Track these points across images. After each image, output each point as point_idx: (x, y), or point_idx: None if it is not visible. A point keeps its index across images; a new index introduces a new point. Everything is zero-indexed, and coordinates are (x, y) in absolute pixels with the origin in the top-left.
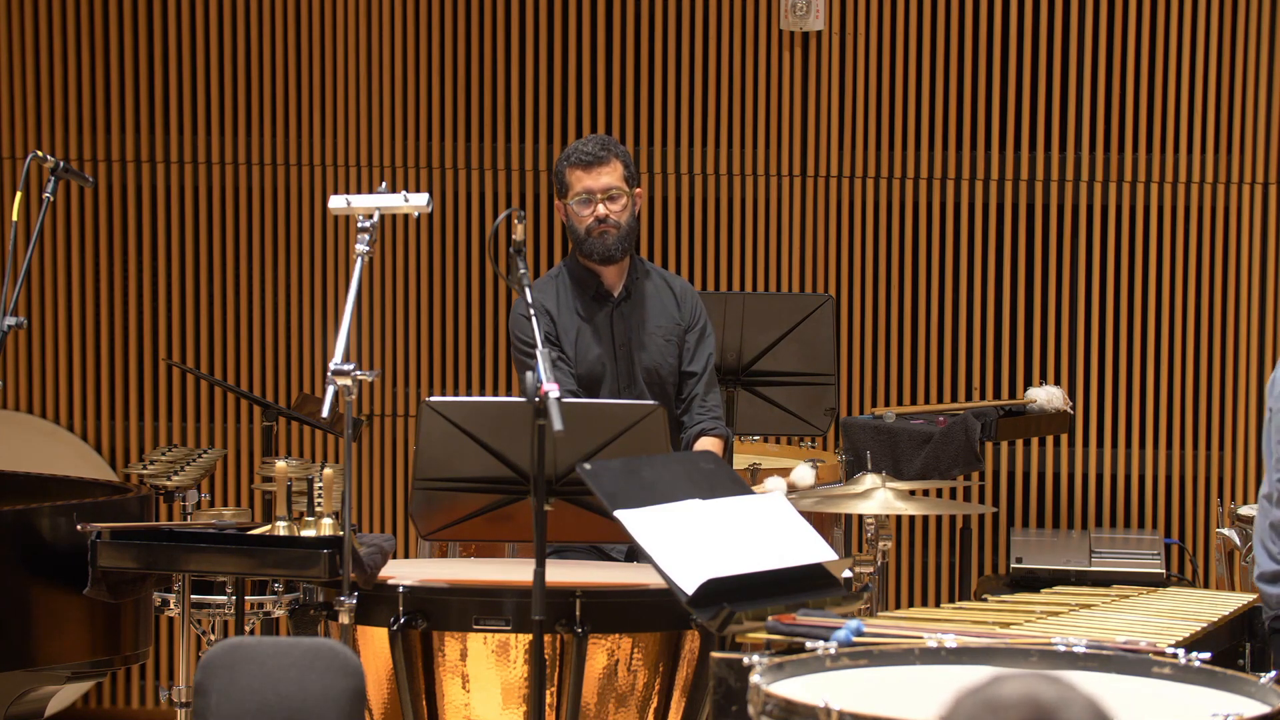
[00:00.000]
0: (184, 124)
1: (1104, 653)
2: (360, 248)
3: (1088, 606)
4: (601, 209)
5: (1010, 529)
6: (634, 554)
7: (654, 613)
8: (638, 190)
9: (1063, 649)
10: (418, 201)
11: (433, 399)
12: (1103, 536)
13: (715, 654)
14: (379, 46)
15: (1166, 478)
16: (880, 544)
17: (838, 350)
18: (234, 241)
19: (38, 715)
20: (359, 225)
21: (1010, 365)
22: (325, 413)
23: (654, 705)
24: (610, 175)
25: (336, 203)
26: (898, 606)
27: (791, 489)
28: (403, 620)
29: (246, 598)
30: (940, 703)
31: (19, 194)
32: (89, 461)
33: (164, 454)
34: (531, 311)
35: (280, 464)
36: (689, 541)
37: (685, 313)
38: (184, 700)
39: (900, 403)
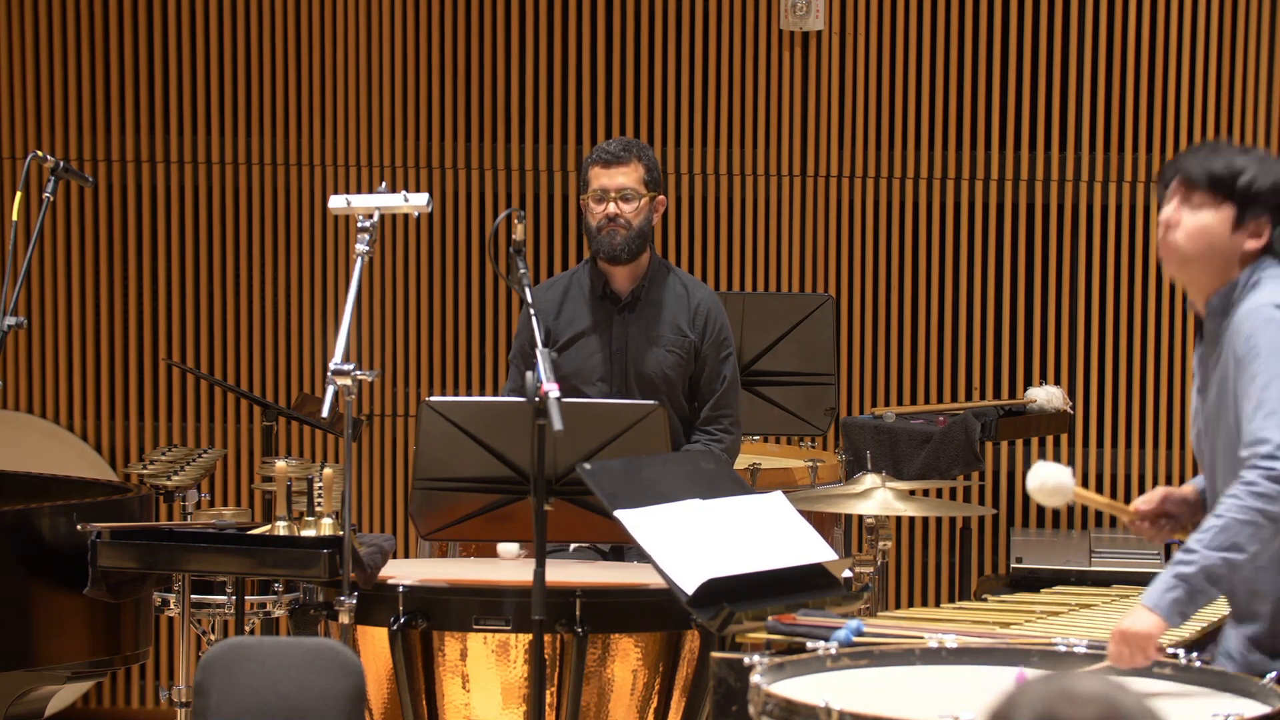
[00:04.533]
0: (184, 124)
1: (1104, 653)
2: (360, 248)
3: (1088, 606)
4: (612, 208)
5: (1010, 529)
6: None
7: (654, 613)
8: (660, 197)
9: (1063, 649)
10: (418, 201)
11: (433, 399)
12: (1103, 536)
13: (715, 654)
14: (379, 46)
15: (1166, 478)
16: (880, 544)
17: (838, 350)
18: (234, 241)
19: (38, 715)
20: (359, 225)
21: (1010, 365)
22: (325, 413)
23: (654, 705)
24: (626, 176)
25: (336, 203)
26: (898, 606)
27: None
28: (403, 620)
29: (246, 598)
30: (943, 702)
31: (19, 194)
32: (89, 461)
33: (164, 454)
34: (533, 311)
35: (280, 464)
36: (689, 541)
37: (698, 328)
38: (184, 700)
39: (900, 403)
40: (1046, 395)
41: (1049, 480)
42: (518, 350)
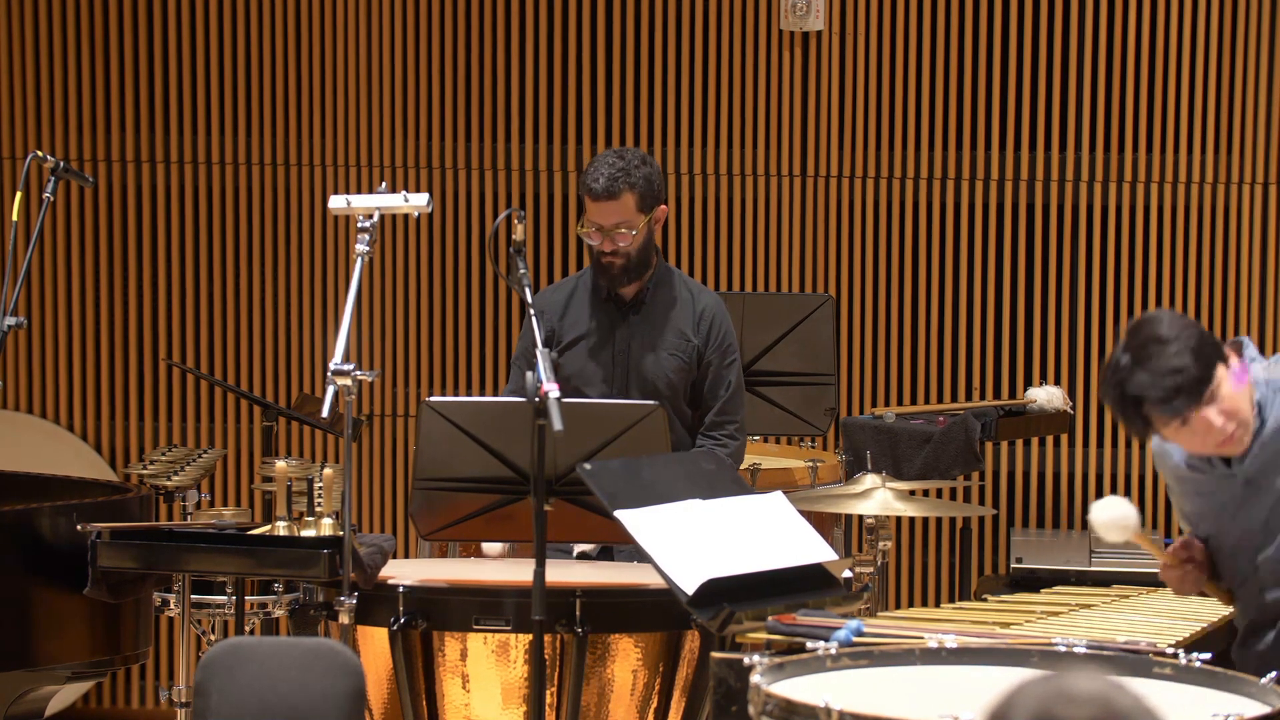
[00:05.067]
0: (184, 124)
1: (1104, 653)
2: (360, 248)
3: (1088, 606)
4: (608, 244)
5: (1010, 529)
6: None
7: (654, 613)
8: (658, 210)
9: (1063, 649)
10: (418, 201)
11: (433, 399)
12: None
13: (715, 654)
14: (379, 46)
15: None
16: (880, 544)
17: (838, 350)
18: (234, 241)
19: (38, 715)
20: (359, 225)
21: (1010, 365)
22: (325, 413)
23: (654, 705)
24: (619, 212)
25: (336, 203)
26: (898, 606)
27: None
28: (403, 620)
29: (246, 598)
30: (943, 702)
31: (19, 194)
32: (89, 461)
33: (164, 454)
34: (533, 311)
35: (280, 464)
36: (689, 541)
37: (702, 333)
38: (184, 700)
39: (900, 403)
40: (1046, 395)
41: (1115, 515)
42: (520, 352)
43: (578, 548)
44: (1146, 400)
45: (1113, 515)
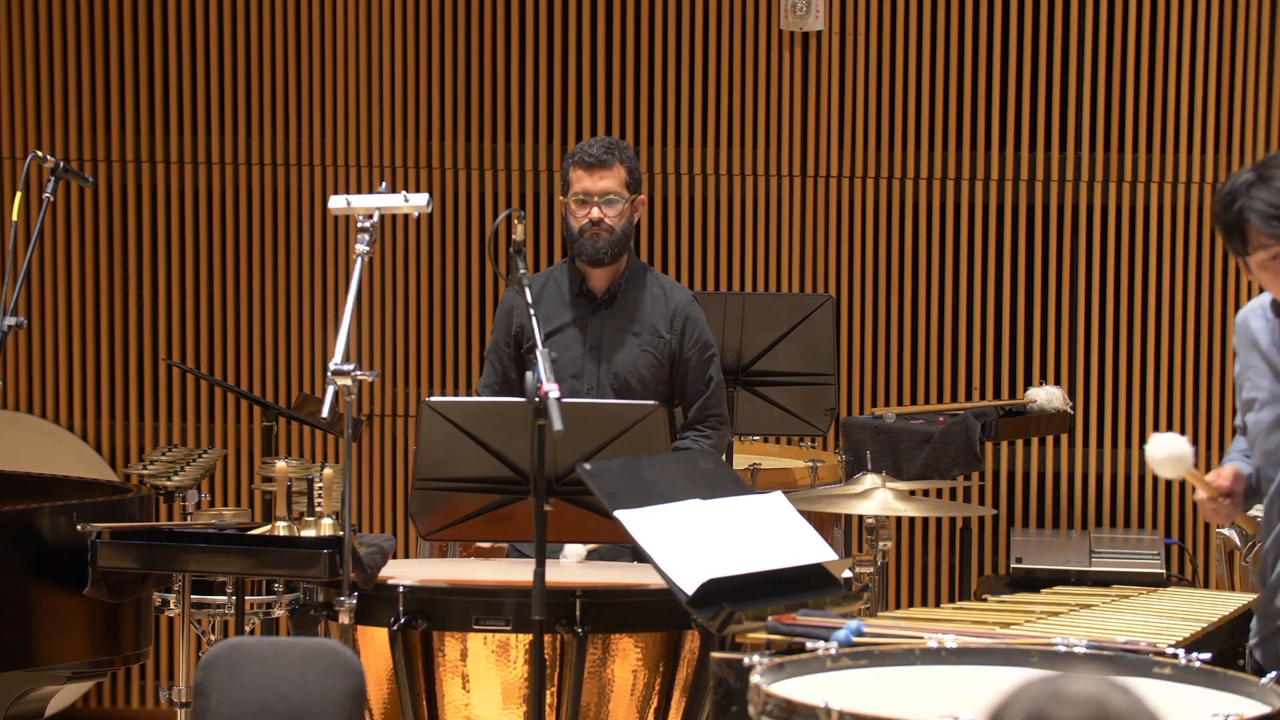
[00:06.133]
0: (184, 124)
1: (1104, 653)
2: (360, 248)
3: (1088, 606)
4: (595, 212)
5: (1010, 529)
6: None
7: (654, 613)
8: (640, 197)
9: (1063, 649)
10: (418, 201)
11: (433, 399)
12: (1103, 536)
13: (715, 654)
14: (379, 46)
15: (1167, 478)
16: (880, 544)
17: (838, 350)
18: (234, 241)
19: (38, 715)
20: (359, 225)
21: (1010, 365)
22: (325, 413)
23: (654, 705)
24: (609, 180)
25: (336, 203)
26: (898, 606)
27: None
28: (403, 620)
29: (247, 598)
30: (943, 702)
31: (19, 194)
32: (89, 461)
33: (164, 454)
34: (533, 311)
35: (280, 464)
36: (689, 541)
37: (676, 330)
38: (184, 700)
39: (900, 403)
40: (1046, 395)
41: (1172, 451)
42: (493, 346)
43: (567, 549)
44: (1252, 215)
45: (1170, 452)
